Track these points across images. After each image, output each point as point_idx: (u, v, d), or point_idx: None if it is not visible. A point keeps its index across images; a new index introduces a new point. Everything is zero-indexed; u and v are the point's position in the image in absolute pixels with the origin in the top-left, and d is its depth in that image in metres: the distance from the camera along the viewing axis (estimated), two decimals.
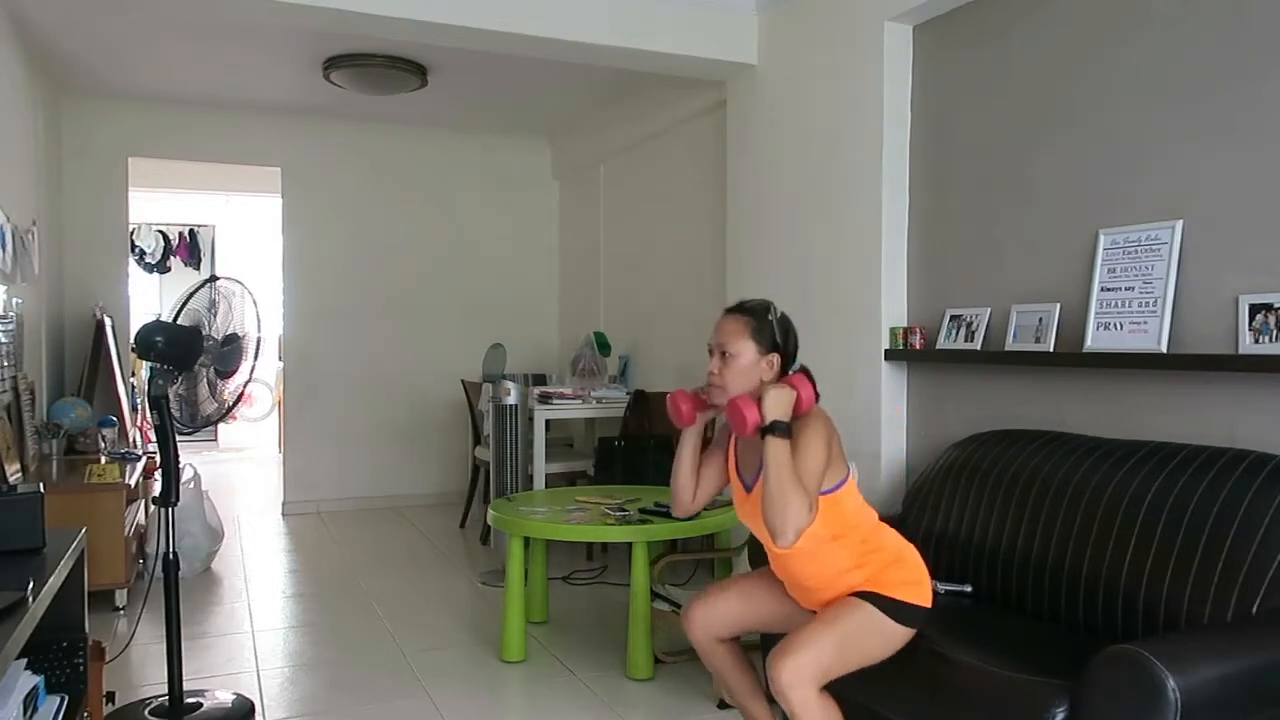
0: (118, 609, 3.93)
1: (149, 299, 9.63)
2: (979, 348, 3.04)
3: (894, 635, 2.10)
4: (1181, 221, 2.50)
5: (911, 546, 2.23)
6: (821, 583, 2.17)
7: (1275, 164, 2.31)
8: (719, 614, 2.35)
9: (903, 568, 2.16)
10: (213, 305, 2.92)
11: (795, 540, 1.98)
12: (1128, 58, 2.68)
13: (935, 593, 2.22)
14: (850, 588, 2.13)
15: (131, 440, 5.14)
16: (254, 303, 2.97)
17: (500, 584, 4.18)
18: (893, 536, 2.22)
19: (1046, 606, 2.41)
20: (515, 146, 6.74)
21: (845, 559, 2.14)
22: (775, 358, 2.19)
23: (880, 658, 2.11)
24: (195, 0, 3.70)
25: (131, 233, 7.58)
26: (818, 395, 2.16)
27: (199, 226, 9.98)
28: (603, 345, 5.43)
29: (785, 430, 2.05)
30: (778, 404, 2.08)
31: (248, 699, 2.96)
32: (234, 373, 2.94)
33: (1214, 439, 2.36)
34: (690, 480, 2.34)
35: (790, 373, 2.20)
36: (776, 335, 2.20)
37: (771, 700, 2.41)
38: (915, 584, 2.14)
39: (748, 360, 2.17)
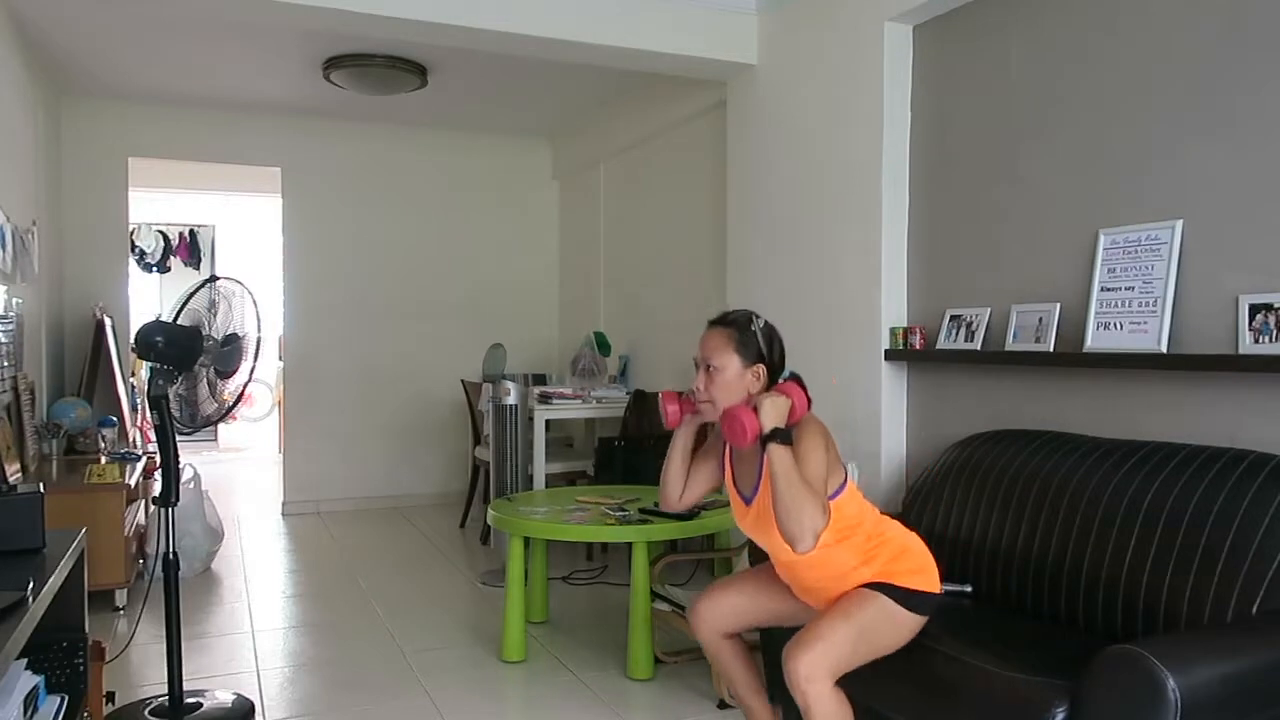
0: (118, 609, 3.93)
1: (149, 299, 9.62)
2: (979, 348, 3.04)
3: (907, 623, 2.11)
4: (1181, 221, 2.50)
5: (915, 535, 2.23)
6: (829, 584, 2.17)
7: (1275, 164, 2.31)
8: (725, 610, 2.34)
9: (909, 557, 2.16)
10: (213, 305, 2.92)
11: (814, 545, 1.96)
12: (1127, 57, 2.68)
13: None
14: (859, 582, 2.13)
15: (131, 440, 5.14)
16: (254, 303, 2.97)
17: (500, 584, 4.18)
18: (896, 528, 2.22)
19: (1046, 606, 2.41)
20: (515, 146, 6.74)
21: (851, 558, 2.14)
22: (761, 369, 2.18)
23: (893, 648, 2.11)
24: (195, 0, 3.70)
25: (131, 233, 7.58)
26: (810, 401, 2.15)
27: (199, 226, 9.98)
28: (603, 345, 5.43)
29: (786, 437, 2.04)
30: (774, 411, 2.06)
31: (248, 699, 2.96)
32: (234, 373, 2.93)
33: (1214, 439, 2.35)
34: (679, 479, 2.33)
35: (781, 380, 2.19)
36: (761, 346, 2.19)
37: (773, 699, 2.42)
38: (922, 571, 2.14)
39: (733, 373, 2.16)
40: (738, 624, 2.37)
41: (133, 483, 4.05)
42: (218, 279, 2.98)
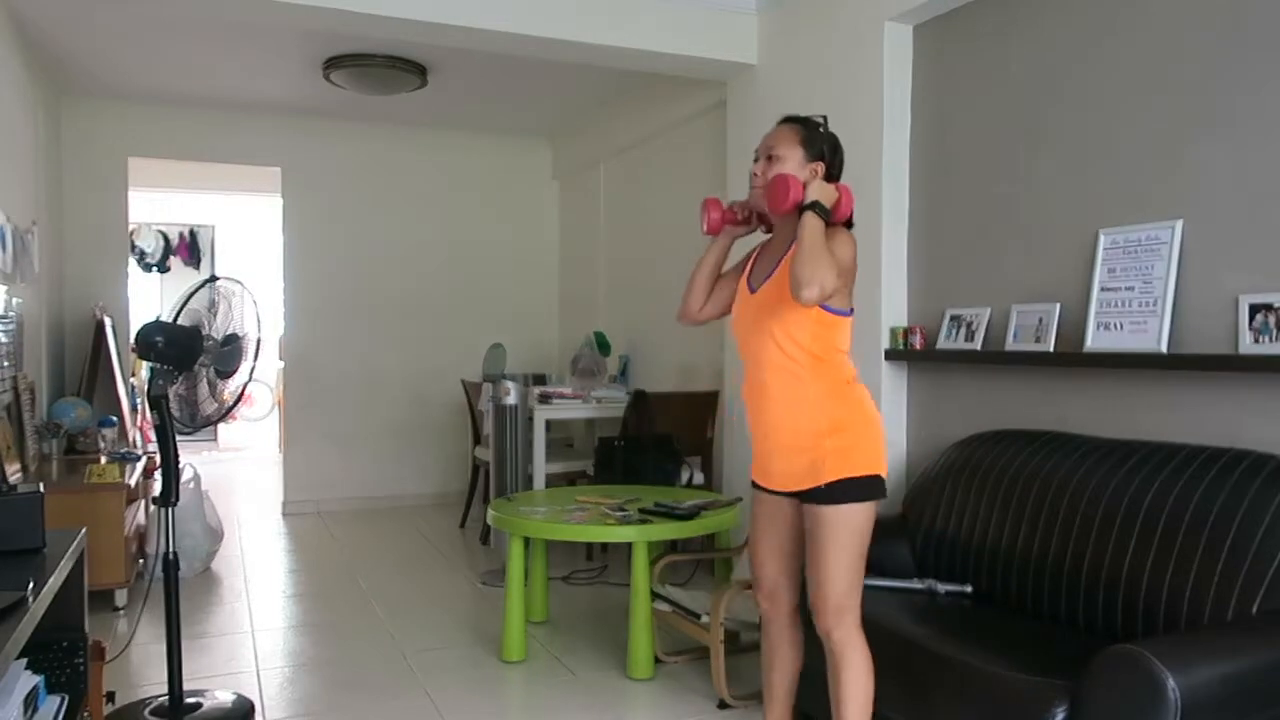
0: (118, 609, 3.93)
1: (149, 299, 9.62)
2: (979, 348, 3.04)
3: (871, 515, 2.15)
4: (1181, 221, 2.50)
5: (874, 406, 2.23)
6: (793, 431, 2.16)
7: (1275, 164, 2.31)
8: (778, 572, 2.33)
9: (868, 428, 2.17)
10: (213, 305, 2.92)
11: (817, 298, 1.96)
12: (1128, 57, 2.68)
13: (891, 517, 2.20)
14: (821, 460, 2.12)
15: (131, 440, 5.14)
16: (254, 303, 2.97)
17: (500, 584, 4.18)
18: (865, 395, 2.22)
19: (1046, 606, 2.41)
20: (515, 146, 6.74)
21: (820, 407, 2.14)
22: (820, 167, 2.20)
23: (870, 532, 2.16)
24: (195, 0, 3.70)
25: (131, 233, 7.58)
26: (852, 220, 2.19)
27: (199, 226, 9.98)
28: (603, 345, 5.42)
29: (825, 214, 2.07)
30: (822, 191, 2.11)
31: (248, 699, 2.96)
32: (234, 373, 2.94)
33: (1214, 439, 2.36)
34: (705, 288, 2.39)
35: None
36: (825, 147, 2.22)
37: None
38: (874, 452, 2.16)
39: (793, 165, 2.19)
40: (794, 571, 2.33)
41: (133, 483, 4.05)
42: (218, 279, 2.98)
